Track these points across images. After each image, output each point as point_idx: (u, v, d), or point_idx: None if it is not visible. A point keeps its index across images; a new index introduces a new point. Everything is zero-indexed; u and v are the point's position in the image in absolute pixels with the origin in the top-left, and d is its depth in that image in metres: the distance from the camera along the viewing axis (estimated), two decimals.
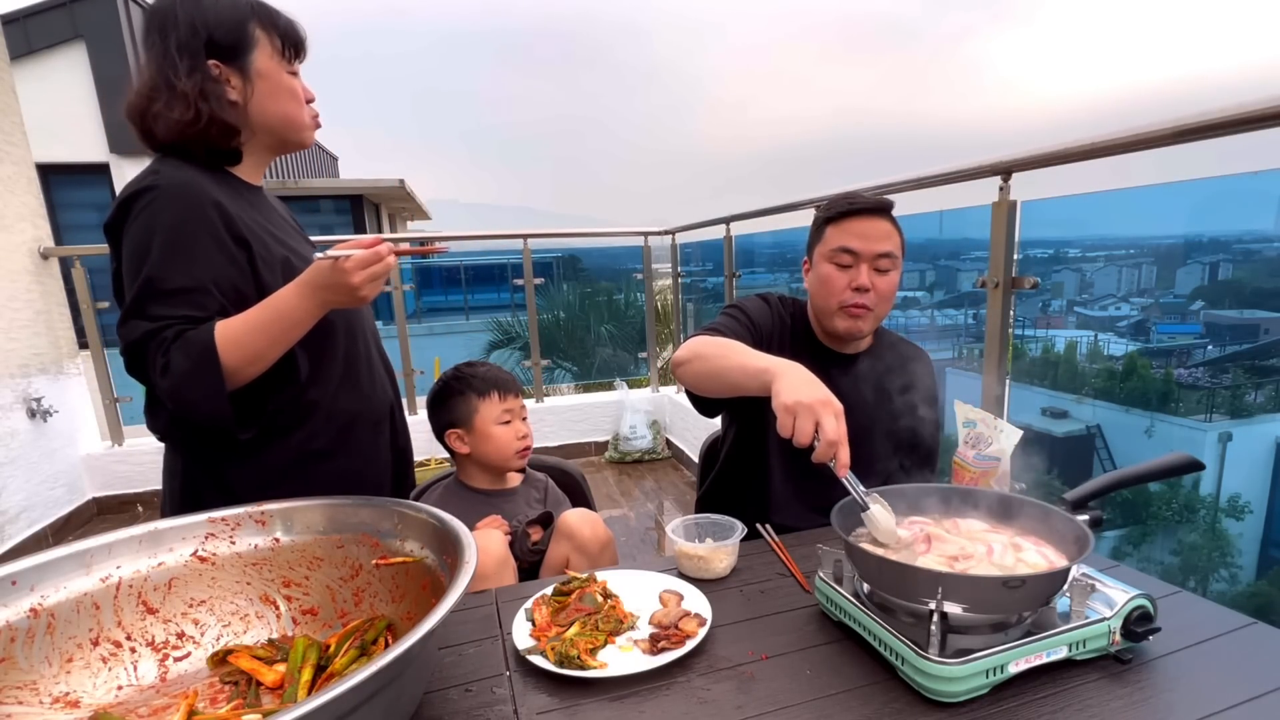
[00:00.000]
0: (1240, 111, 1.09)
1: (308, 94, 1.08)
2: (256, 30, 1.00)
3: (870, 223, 1.18)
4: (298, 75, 1.06)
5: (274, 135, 1.07)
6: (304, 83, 1.08)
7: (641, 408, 4.05)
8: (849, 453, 0.83)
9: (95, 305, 3.32)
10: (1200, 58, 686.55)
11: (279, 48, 1.02)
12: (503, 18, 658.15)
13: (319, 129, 1.12)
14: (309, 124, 1.08)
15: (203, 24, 0.98)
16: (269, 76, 1.02)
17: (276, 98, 1.03)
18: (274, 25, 1.02)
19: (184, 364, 0.89)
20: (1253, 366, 2.08)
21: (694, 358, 1.11)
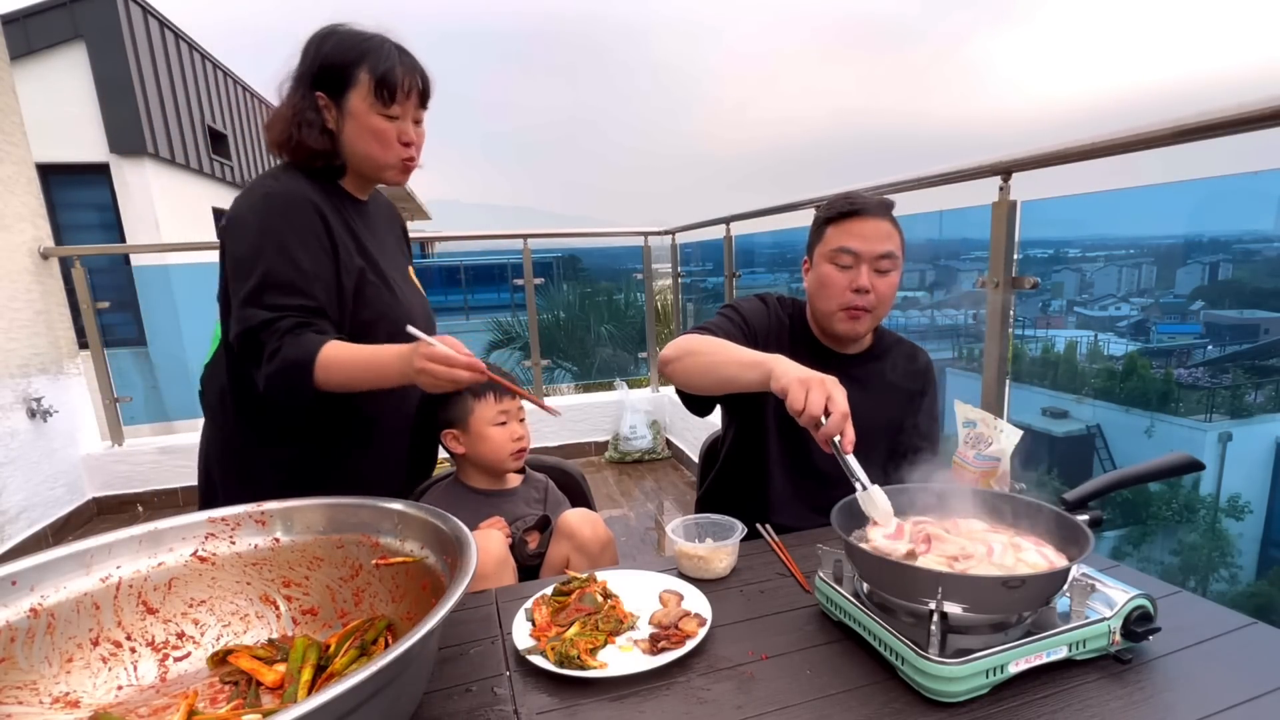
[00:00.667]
0: (1240, 111, 1.09)
1: (404, 138, 1.13)
2: (361, 72, 1.09)
3: (871, 223, 1.17)
4: (398, 119, 1.12)
5: (358, 168, 1.17)
6: (409, 128, 1.14)
7: (641, 408, 4.05)
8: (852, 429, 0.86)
9: (95, 305, 3.32)
10: (1200, 58, 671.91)
11: (373, 91, 1.09)
12: (503, 19, 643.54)
13: (408, 170, 1.18)
14: (392, 165, 1.15)
15: (322, 58, 1.10)
16: (357, 116, 1.11)
17: (360, 137, 1.12)
18: (374, 69, 1.08)
19: (286, 362, 1.00)
20: (1253, 366, 2.08)
21: (684, 354, 1.11)
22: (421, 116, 1.17)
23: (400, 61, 1.10)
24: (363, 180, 1.20)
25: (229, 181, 9.25)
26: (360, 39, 1.11)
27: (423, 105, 1.16)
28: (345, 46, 1.10)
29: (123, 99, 6.83)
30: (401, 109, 1.11)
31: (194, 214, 8.13)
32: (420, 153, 1.19)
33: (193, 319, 4.07)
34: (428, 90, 1.15)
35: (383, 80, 1.08)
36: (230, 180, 9.28)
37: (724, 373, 1.03)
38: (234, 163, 9.46)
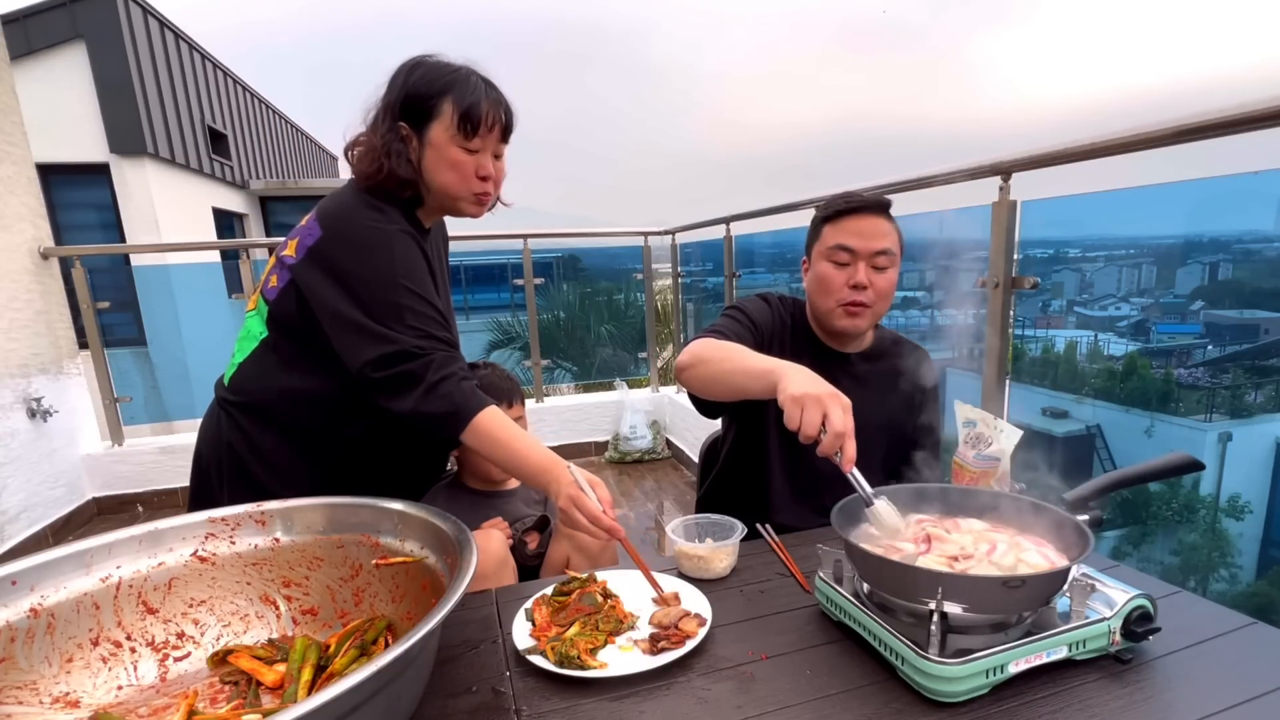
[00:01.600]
0: (1240, 111, 1.09)
1: (482, 171, 1.12)
2: (445, 104, 1.08)
3: (867, 221, 1.18)
4: (478, 152, 1.11)
5: (434, 199, 1.16)
6: (487, 161, 1.13)
7: (641, 408, 4.05)
8: (854, 446, 0.84)
9: (95, 305, 3.32)
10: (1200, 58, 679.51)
11: (455, 123, 1.08)
12: (503, 19, 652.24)
13: (483, 204, 1.17)
14: (467, 198, 1.14)
15: (409, 88, 1.10)
16: (437, 147, 1.10)
17: (438, 168, 1.11)
18: (458, 102, 1.08)
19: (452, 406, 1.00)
20: (1253, 366, 2.08)
21: (697, 362, 1.11)
22: (502, 151, 1.17)
23: (486, 95, 1.10)
24: (435, 212, 1.21)
25: (229, 181, 9.25)
26: (447, 70, 1.10)
27: (504, 140, 1.16)
28: (431, 77, 1.09)
29: (123, 99, 6.83)
30: (482, 142, 1.11)
31: (194, 214, 8.13)
32: (499, 188, 1.20)
33: (193, 319, 4.08)
34: (510, 125, 1.15)
35: (467, 114, 1.07)
36: (230, 180, 9.29)
37: (734, 381, 1.03)
38: (234, 163, 9.46)
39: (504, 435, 1.00)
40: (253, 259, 3.51)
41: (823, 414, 0.84)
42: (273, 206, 10.29)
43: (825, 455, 0.84)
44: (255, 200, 10.06)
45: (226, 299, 3.83)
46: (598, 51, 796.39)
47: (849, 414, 0.85)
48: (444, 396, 1.00)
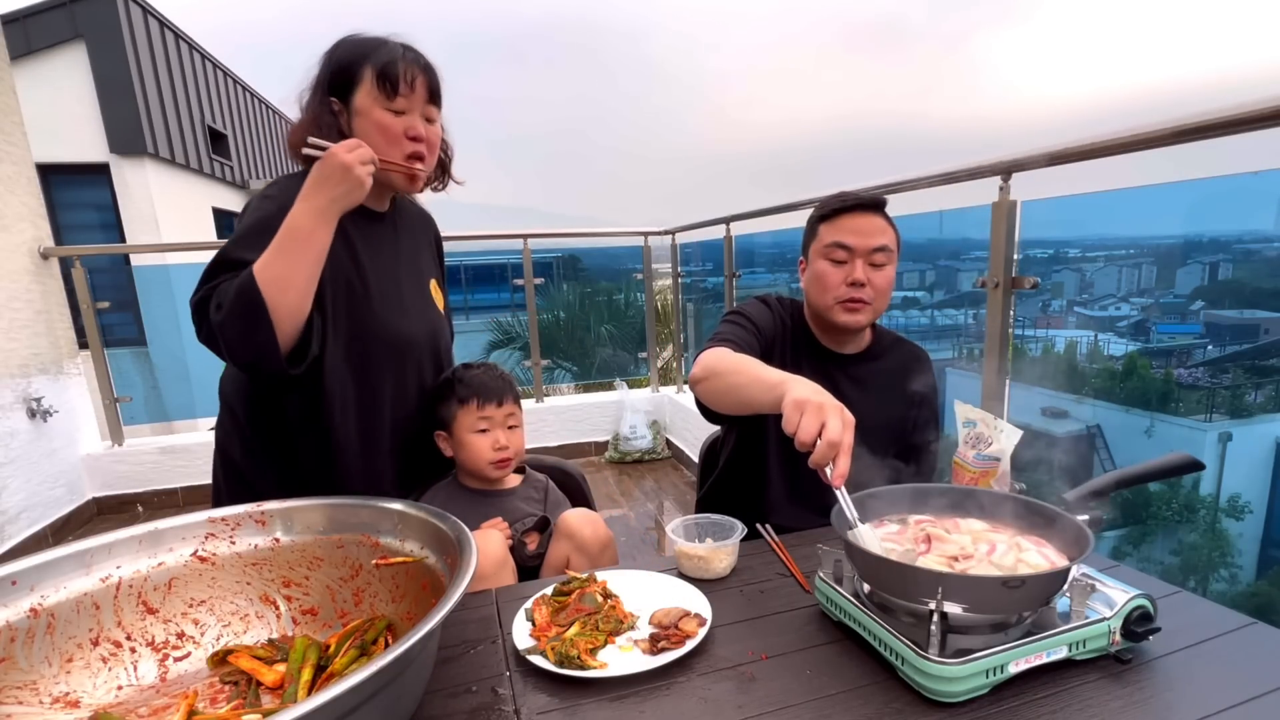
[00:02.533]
0: (1240, 111, 1.09)
1: (411, 131, 1.09)
2: (365, 70, 1.08)
3: (863, 219, 1.18)
4: (404, 113, 1.09)
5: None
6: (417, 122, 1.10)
7: (641, 408, 4.05)
8: (848, 463, 0.80)
9: (95, 305, 3.32)
10: (1200, 58, 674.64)
11: (375, 85, 1.07)
12: (503, 19, 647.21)
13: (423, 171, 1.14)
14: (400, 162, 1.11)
15: (333, 63, 1.11)
16: (363, 113, 1.09)
17: (365, 134, 1.08)
18: (375, 64, 1.07)
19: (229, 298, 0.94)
20: (1253, 366, 2.08)
21: (710, 375, 1.09)
22: (434, 115, 1.15)
23: (403, 56, 1.09)
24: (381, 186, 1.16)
25: (229, 181, 9.26)
26: (366, 40, 1.11)
27: (433, 101, 1.14)
28: (351, 47, 1.10)
29: (123, 99, 6.84)
30: (407, 102, 1.09)
31: (194, 214, 8.14)
32: (435, 153, 1.17)
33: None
34: (435, 84, 1.13)
35: (383, 72, 1.07)
36: (230, 180, 9.29)
37: (745, 395, 1.01)
38: (234, 163, 9.46)
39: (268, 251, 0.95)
40: None
41: (821, 422, 0.80)
42: None
43: (816, 466, 0.80)
44: None
45: None
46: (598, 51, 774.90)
47: (850, 429, 0.81)
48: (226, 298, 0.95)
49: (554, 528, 1.22)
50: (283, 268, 0.95)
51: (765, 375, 0.98)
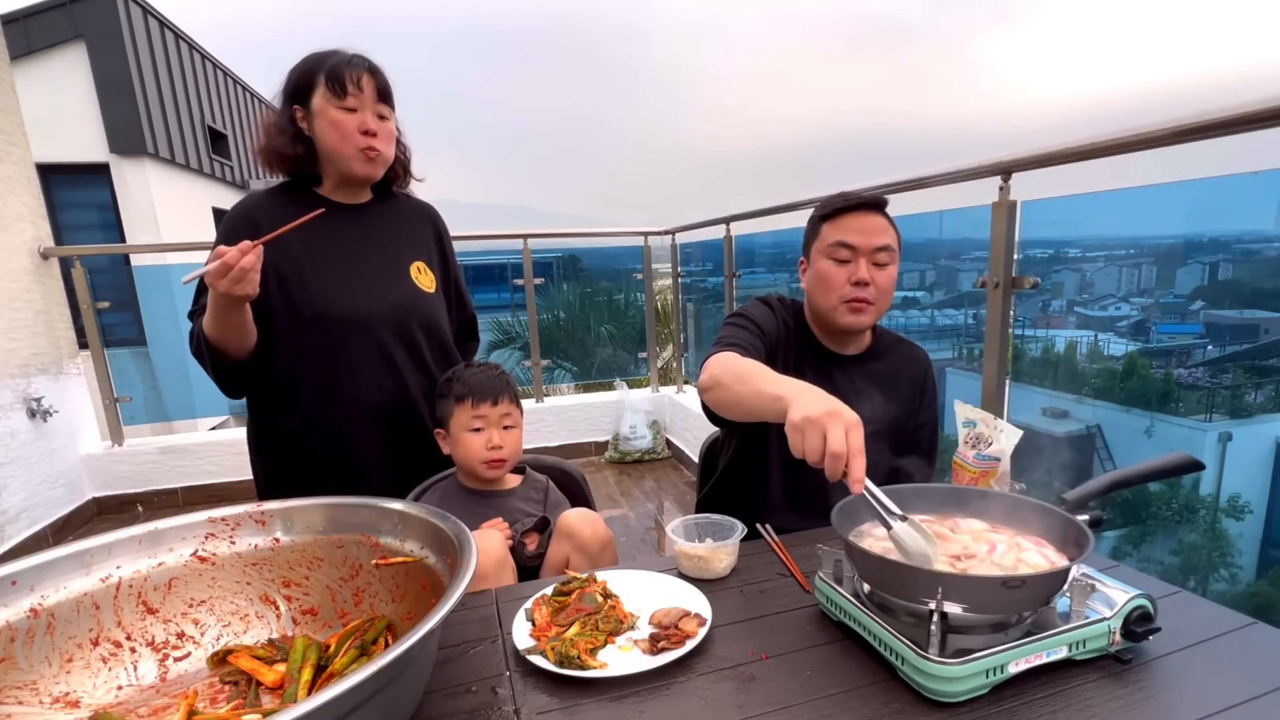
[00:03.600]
0: (1240, 111, 1.09)
1: (363, 127, 1.24)
2: (318, 76, 1.23)
3: (866, 218, 1.18)
4: (356, 110, 1.23)
5: (328, 164, 1.29)
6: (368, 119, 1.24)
7: (641, 408, 4.05)
8: (864, 465, 0.76)
9: (95, 305, 3.32)
10: (1200, 58, 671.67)
11: (327, 87, 1.22)
12: (503, 19, 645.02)
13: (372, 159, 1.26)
14: (354, 155, 1.25)
15: (293, 76, 1.26)
16: (320, 114, 1.24)
17: (324, 132, 1.25)
18: (325, 70, 1.22)
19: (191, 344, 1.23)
20: (1253, 366, 2.08)
21: (717, 384, 1.08)
22: (386, 112, 1.27)
23: (350, 60, 1.23)
24: (340, 183, 1.32)
25: (229, 181, 9.25)
26: (321, 52, 1.26)
27: (383, 100, 1.26)
28: (309, 61, 1.25)
29: (123, 99, 6.84)
30: (357, 101, 1.23)
31: (194, 214, 8.14)
32: (390, 145, 1.29)
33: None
34: (383, 84, 1.26)
35: (332, 75, 1.21)
36: (230, 180, 9.28)
37: (748, 406, 1.00)
38: (234, 163, 9.46)
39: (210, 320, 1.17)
40: None
41: (822, 436, 0.77)
42: None
43: (834, 480, 0.78)
44: None
45: None
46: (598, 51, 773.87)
47: (855, 431, 0.78)
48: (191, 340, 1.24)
49: (554, 528, 1.22)
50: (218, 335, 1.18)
51: (767, 388, 0.96)
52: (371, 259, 1.33)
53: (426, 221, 1.46)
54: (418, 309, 1.37)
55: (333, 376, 1.29)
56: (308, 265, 1.27)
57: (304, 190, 1.32)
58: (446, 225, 1.51)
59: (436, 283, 1.43)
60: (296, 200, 1.28)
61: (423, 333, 1.38)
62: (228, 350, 1.20)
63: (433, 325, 1.40)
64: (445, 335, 1.44)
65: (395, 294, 1.34)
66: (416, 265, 1.39)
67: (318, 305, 1.27)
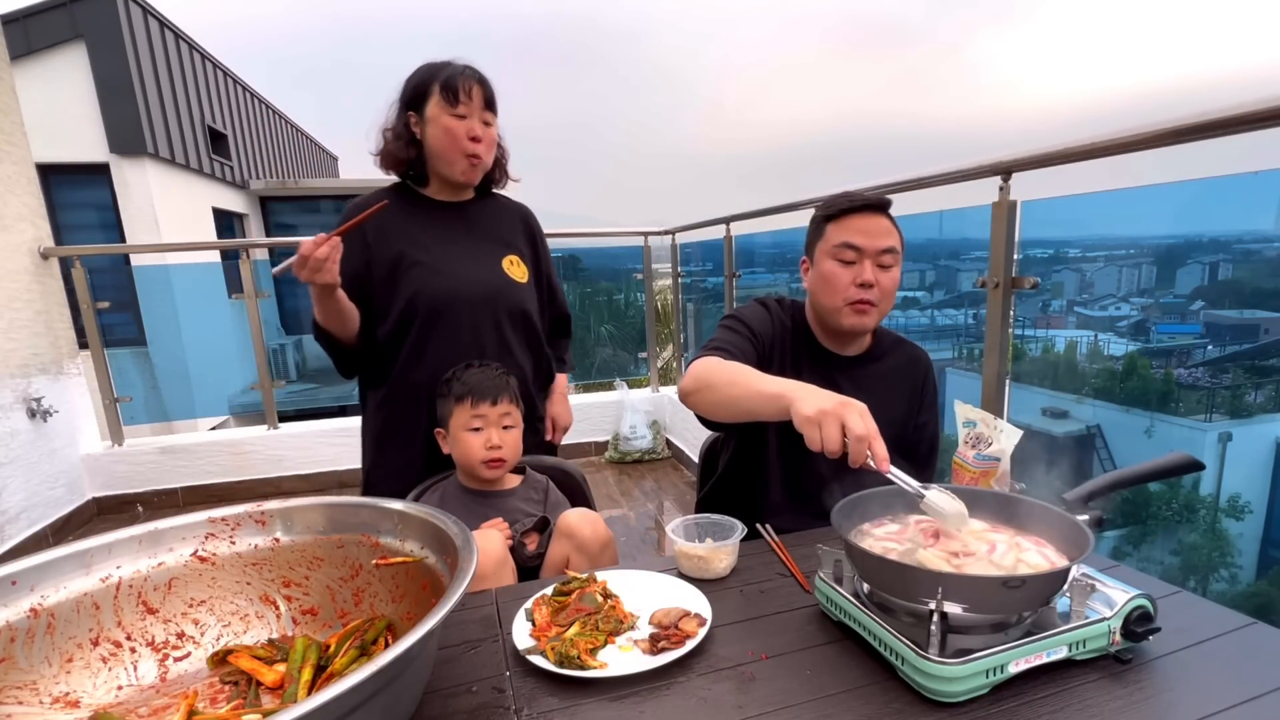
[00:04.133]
0: (1240, 111, 1.09)
1: (471, 133, 1.35)
2: (433, 85, 1.35)
3: (871, 219, 1.18)
4: (465, 118, 1.35)
5: (435, 167, 1.42)
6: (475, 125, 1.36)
7: (641, 408, 4.05)
8: (884, 446, 0.80)
9: (95, 305, 3.32)
10: (1200, 58, 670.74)
11: (440, 95, 1.34)
12: (503, 20, 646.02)
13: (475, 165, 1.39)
14: (460, 160, 1.38)
15: (410, 85, 1.38)
16: (432, 120, 1.36)
17: (435, 137, 1.37)
18: (440, 79, 1.34)
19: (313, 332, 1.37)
20: (1253, 366, 2.08)
21: (703, 387, 1.08)
22: (490, 120, 1.39)
23: (463, 72, 1.35)
24: (444, 185, 1.45)
25: (229, 181, 9.25)
26: (436, 64, 1.37)
27: (489, 108, 1.38)
28: (425, 70, 1.37)
29: (123, 99, 6.83)
30: (467, 109, 1.34)
31: (194, 214, 8.13)
32: (492, 150, 1.42)
33: (193, 319, 4.08)
34: (489, 94, 1.38)
35: (446, 84, 1.33)
36: (230, 180, 9.28)
37: (744, 406, 1.01)
38: (234, 163, 9.46)
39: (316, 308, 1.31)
40: (253, 259, 3.51)
41: (840, 425, 0.81)
42: (273, 206, 10.29)
43: (858, 465, 0.81)
44: (255, 200, 10.05)
45: (227, 299, 3.83)
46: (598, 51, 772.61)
47: (867, 417, 0.82)
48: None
49: (554, 528, 1.22)
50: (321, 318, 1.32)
51: (764, 387, 0.97)
52: (467, 250, 1.46)
53: (520, 220, 1.58)
54: (506, 295, 1.47)
55: (420, 353, 1.40)
56: (409, 255, 1.39)
57: (412, 191, 1.46)
58: (540, 226, 1.63)
59: (529, 276, 1.53)
60: (405, 199, 1.43)
61: (509, 317, 1.48)
62: (336, 334, 1.35)
63: (520, 311, 1.50)
64: (533, 322, 1.53)
65: (485, 280, 1.45)
66: (510, 258, 1.50)
67: (414, 287, 1.38)
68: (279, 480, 3.58)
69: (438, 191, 1.47)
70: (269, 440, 3.58)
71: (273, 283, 3.69)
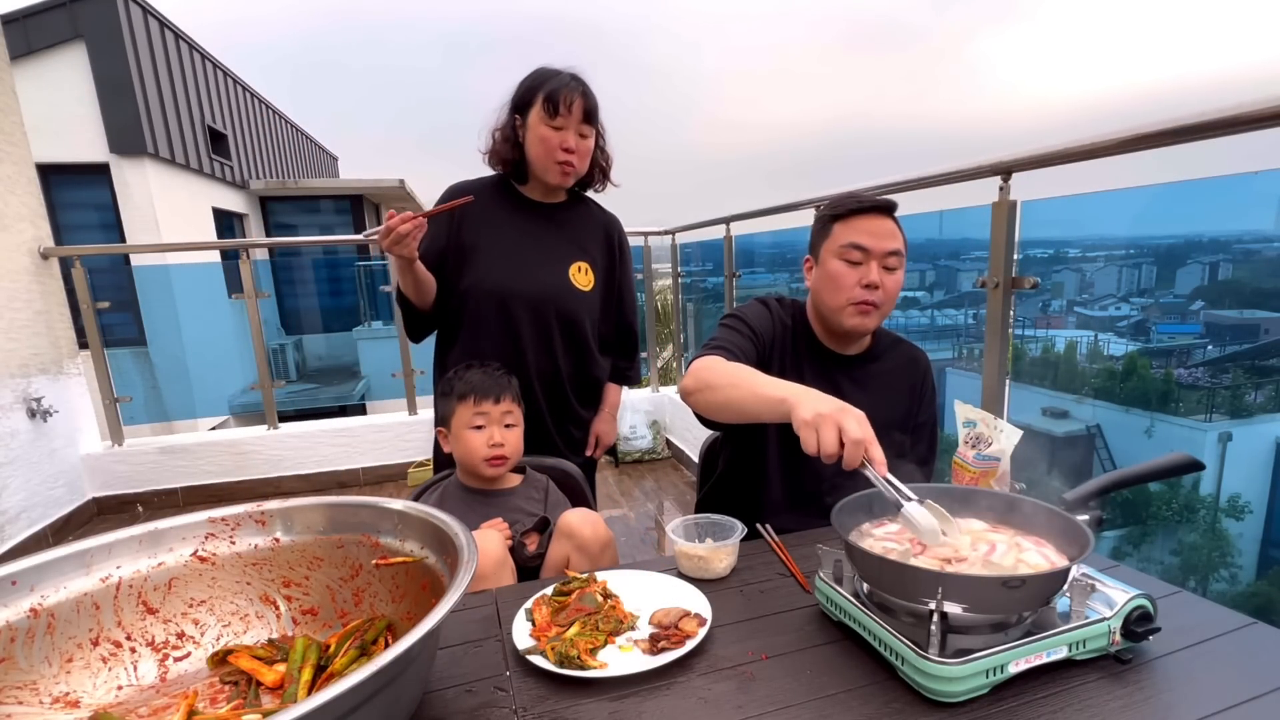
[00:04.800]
0: (1240, 111, 1.09)
1: (565, 144, 1.42)
2: (538, 94, 1.41)
3: (878, 221, 1.18)
4: (562, 129, 1.41)
5: (534, 169, 1.49)
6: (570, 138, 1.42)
7: (641, 408, 4.05)
8: (880, 449, 0.82)
9: (95, 305, 3.32)
10: (1200, 58, 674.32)
11: (543, 106, 1.40)
12: (504, 20, 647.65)
13: (567, 174, 1.46)
14: (552, 168, 1.45)
15: (519, 89, 1.45)
16: (531, 128, 1.43)
17: (532, 144, 1.45)
18: (545, 90, 1.40)
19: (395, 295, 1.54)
20: (1253, 366, 2.08)
21: (704, 387, 1.08)
22: (587, 131, 1.46)
23: (567, 84, 1.40)
24: (539, 185, 1.53)
25: (229, 181, 9.25)
26: (548, 72, 1.43)
27: (587, 120, 1.44)
28: (535, 77, 1.44)
29: (123, 99, 6.83)
30: (564, 121, 1.40)
31: (194, 214, 8.13)
32: (585, 161, 1.48)
33: (193, 319, 4.07)
34: (590, 106, 1.43)
35: (549, 97, 1.39)
36: (230, 180, 9.28)
37: (745, 408, 1.01)
38: (234, 163, 9.46)
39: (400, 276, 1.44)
40: (253, 259, 3.51)
41: (837, 429, 0.82)
42: (273, 206, 10.28)
43: (852, 468, 0.82)
44: (255, 200, 10.05)
45: (226, 299, 3.83)
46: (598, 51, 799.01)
47: (864, 423, 0.83)
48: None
49: (554, 528, 1.22)
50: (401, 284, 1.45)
51: (766, 390, 0.97)
52: (537, 249, 1.52)
53: (603, 228, 1.63)
54: (560, 299, 1.52)
55: (469, 340, 1.49)
56: (483, 246, 1.48)
57: (512, 187, 1.54)
58: (626, 238, 1.68)
59: (595, 285, 1.58)
60: (502, 194, 1.53)
61: (559, 320, 1.53)
62: (413, 299, 1.47)
63: (572, 317, 1.54)
64: (584, 330, 1.57)
65: (546, 282, 1.51)
66: (579, 265, 1.56)
67: (472, 277, 1.47)
68: (279, 480, 3.58)
69: (533, 191, 1.55)
70: (269, 440, 3.58)
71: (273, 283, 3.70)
